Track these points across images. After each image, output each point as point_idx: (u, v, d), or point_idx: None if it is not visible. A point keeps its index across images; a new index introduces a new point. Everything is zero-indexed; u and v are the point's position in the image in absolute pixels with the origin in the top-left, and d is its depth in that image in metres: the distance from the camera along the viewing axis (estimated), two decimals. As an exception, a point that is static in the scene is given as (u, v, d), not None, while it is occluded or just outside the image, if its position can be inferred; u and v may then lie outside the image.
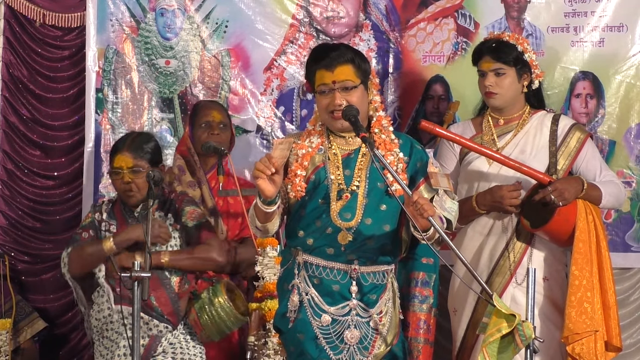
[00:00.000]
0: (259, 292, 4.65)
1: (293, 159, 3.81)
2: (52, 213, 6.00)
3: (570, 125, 4.67)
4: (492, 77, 4.62)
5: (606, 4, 5.35)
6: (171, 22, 5.85)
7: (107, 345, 4.49)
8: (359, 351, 3.76)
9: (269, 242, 4.65)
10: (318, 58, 3.77)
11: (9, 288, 5.62)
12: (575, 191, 4.47)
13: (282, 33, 5.75)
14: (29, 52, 6.02)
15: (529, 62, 4.64)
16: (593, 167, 4.65)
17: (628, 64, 5.33)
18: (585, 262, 4.45)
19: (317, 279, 3.78)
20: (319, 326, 3.77)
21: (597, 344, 4.44)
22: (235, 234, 4.99)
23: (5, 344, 5.39)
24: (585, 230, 4.47)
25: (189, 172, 5.01)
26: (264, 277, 4.64)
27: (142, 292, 3.96)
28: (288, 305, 3.82)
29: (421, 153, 3.86)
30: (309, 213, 3.78)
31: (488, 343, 3.46)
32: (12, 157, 6.04)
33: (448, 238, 3.54)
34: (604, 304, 4.49)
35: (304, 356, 3.78)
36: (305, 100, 5.74)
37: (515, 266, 4.56)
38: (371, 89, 3.82)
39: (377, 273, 3.81)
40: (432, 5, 5.58)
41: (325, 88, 3.74)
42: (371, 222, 3.74)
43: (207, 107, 5.13)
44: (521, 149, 4.63)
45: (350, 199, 3.75)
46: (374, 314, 3.79)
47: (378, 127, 3.82)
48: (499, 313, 3.47)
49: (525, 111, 4.70)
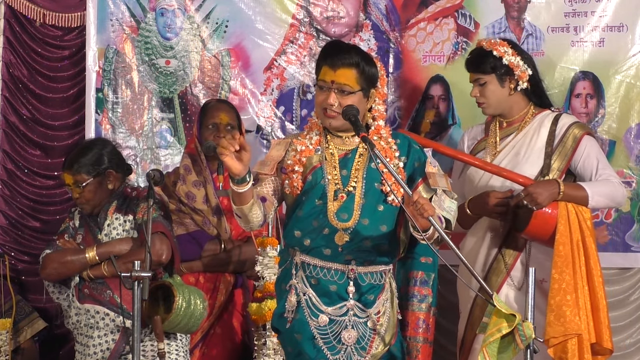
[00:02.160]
0: (259, 292, 4.65)
1: (290, 155, 3.82)
2: (52, 213, 6.00)
3: (569, 124, 4.64)
4: (476, 88, 4.67)
5: (606, 4, 5.35)
6: (171, 22, 5.85)
7: (79, 349, 4.62)
8: (356, 351, 3.76)
9: (269, 242, 4.65)
10: (327, 54, 3.78)
11: (9, 288, 5.61)
12: (549, 194, 4.44)
13: (282, 33, 5.75)
14: (29, 51, 6.02)
15: (508, 65, 4.62)
16: (589, 165, 4.61)
17: (628, 64, 5.33)
18: (565, 265, 4.42)
19: (314, 279, 3.78)
20: (316, 326, 3.76)
21: (581, 346, 4.40)
22: (240, 232, 4.99)
23: (5, 344, 5.40)
24: (565, 233, 4.45)
25: (195, 172, 5.00)
26: (264, 277, 4.64)
27: (142, 292, 3.98)
28: (286, 305, 3.81)
29: (419, 153, 3.85)
30: (306, 213, 3.77)
31: (488, 343, 3.46)
32: (12, 156, 6.04)
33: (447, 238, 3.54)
34: (593, 305, 4.46)
35: (301, 356, 3.78)
36: (305, 100, 5.74)
37: (509, 268, 4.56)
38: (373, 97, 3.81)
39: (374, 273, 3.80)
40: (432, 5, 5.59)
41: (324, 84, 3.75)
42: (368, 222, 3.73)
43: (215, 108, 5.09)
44: (516, 152, 4.63)
45: (347, 200, 3.75)
46: (371, 314, 3.78)
47: (376, 135, 3.81)
48: (499, 313, 3.47)
49: (528, 112, 4.70)
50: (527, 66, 4.64)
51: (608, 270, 5.35)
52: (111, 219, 4.61)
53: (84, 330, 4.56)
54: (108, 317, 4.50)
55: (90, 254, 4.52)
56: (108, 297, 4.50)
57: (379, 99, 3.84)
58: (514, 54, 4.62)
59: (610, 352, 4.52)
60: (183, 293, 4.43)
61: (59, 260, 4.56)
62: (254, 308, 4.63)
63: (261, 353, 4.61)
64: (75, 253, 4.56)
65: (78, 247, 4.60)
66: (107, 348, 4.50)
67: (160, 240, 4.53)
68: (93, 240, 4.60)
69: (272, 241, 4.66)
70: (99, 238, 4.59)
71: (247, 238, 4.96)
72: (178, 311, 4.41)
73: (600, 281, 4.49)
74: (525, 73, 4.61)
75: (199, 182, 4.98)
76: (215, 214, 4.92)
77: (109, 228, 4.60)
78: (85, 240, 4.62)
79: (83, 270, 4.55)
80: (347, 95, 3.72)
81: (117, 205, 4.63)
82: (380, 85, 3.84)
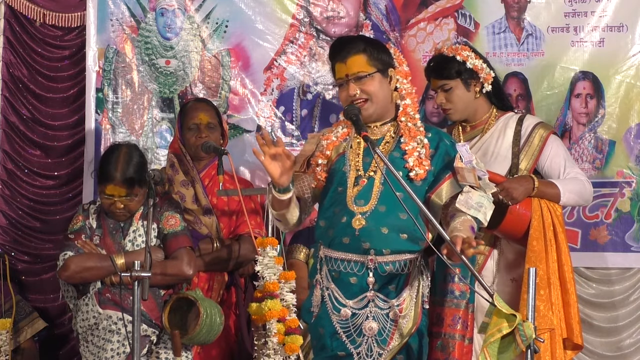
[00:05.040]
0: (259, 292, 4.65)
1: (318, 150, 3.89)
2: (52, 213, 6.00)
3: (534, 124, 4.62)
4: (441, 94, 4.63)
5: (606, 4, 5.35)
6: (171, 22, 5.85)
7: (93, 351, 4.50)
8: (377, 344, 3.77)
9: (269, 242, 4.65)
10: (334, 53, 3.85)
11: (9, 288, 5.61)
12: (524, 190, 4.44)
13: (282, 33, 5.76)
14: (29, 51, 6.02)
15: (472, 69, 4.60)
16: (557, 164, 4.59)
17: (628, 64, 5.33)
18: (538, 260, 4.42)
19: (336, 273, 3.81)
20: (338, 320, 3.80)
21: (554, 341, 4.39)
22: (231, 231, 4.99)
23: (5, 344, 5.39)
24: (539, 228, 4.45)
25: (182, 172, 5.00)
26: (264, 277, 4.64)
27: (142, 292, 3.97)
28: (312, 300, 3.88)
29: (448, 147, 3.86)
30: (328, 201, 3.84)
31: (489, 343, 3.46)
32: (12, 156, 6.04)
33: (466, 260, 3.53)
34: (565, 301, 4.45)
35: (324, 350, 3.84)
36: (305, 100, 5.75)
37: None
38: (394, 77, 3.85)
39: (397, 262, 3.78)
40: (432, 5, 5.59)
41: (341, 81, 3.82)
42: (385, 209, 3.74)
43: (193, 108, 5.06)
44: (483, 153, 4.62)
45: (366, 185, 3.78)
46: (394, 304, 3.78)
47: (404, 115, 3.86)
48: (499, 313, 3.47)
49: (490, 115, 4.67)
50: (489, 69, 4.62)
51: (608, 270, 5.37)
52: (137, 225, 4.53)
53: (102, 334, 4.48)
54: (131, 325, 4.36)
55: (120, 262, 4.44)
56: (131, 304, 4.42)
57: (402, 77, 3.88)
58: (477, 57, 4.60)
59: (580, 348, 4.51)
60: (206, 309, 4.42)
61: (83, 265, 4.45)
62: (254, 308, 4.63)
63: (261, 353, 4.61)
64: (100, 260, 4.46)
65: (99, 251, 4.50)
66: (124, 352, 4.45)
67: (189, 255, 4.53)
68: (114, 245, 4.52)
69: (272, 241, 4.66)
70: (122, 244, 4.51)
71: (238, 236, 4.97)
72: (201, 328, 4.41)
73: (571, 277, 4.49)
74: (489, 75, 4.59)
75: (186, 182, 4.98)
76: (205, 213, 4.92)
77: (135, 234, 4.53)
78: (105, 244, 4.53)
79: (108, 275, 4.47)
80: (365, 80, 3.78)
81: (142, 212, 4.58)
82: (398, 65, 3.88)
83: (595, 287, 5.40)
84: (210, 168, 5.02)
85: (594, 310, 5.38)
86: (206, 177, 5.03)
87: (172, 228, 4.55)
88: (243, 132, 5.76)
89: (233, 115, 5.77)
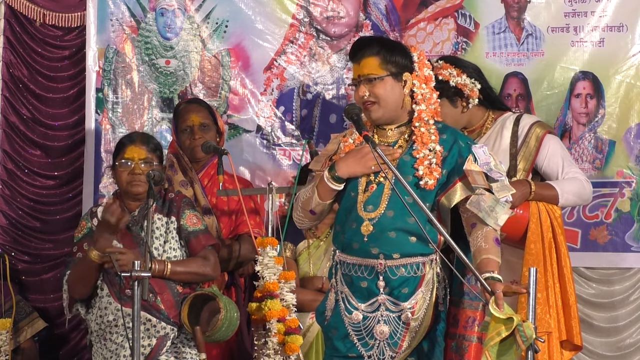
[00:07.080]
0: (259, 292, 4.64)
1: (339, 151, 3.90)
2: (52, 213, 6.00)
3: (530, 124, 4.57)
4: None
5: (606, 4, 5.36)
6: (171, 22, 5.85)
7: (111, 348, 4.46)
8: (388, 347, 3.77)
9: (269, 242, 4.65)
10: (351, 53, 3.85)
11: (9, 288, 5.61)
12: (521, 194, 4.41)
13: (282, 33, 5.76)
14: (29, 51, 6.02)
15: (456, 86, 4.54)
16: (555, 164, 4.56)
17: (628, 64, 5.34)
18: (536, 263, 4.41)
19: (348, 277, 3.82)
20: (350, 323, 3.80)
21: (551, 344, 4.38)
22: (230, 231, 5.00)
23: (5, 344, 5.39)
24: (536, 231, 4.44)
25: (181, 172, 5.01)
26: (264, 277, 4.63)
27: (142, 292, 3.96)
28: (326, 303, 3.90)
29: (462, 149, 3.80)
30: (342, 207, 3.85)
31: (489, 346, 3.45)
32: (12, 156, 6.04)
33: None
34: (564, 303, 4.45)
35: (336, 352, 3.85)
36: (305, 100, 5.75)
37: None
38: (410, 81, 3.81)
39: (408, 265, 3.77)
40: (432, 5, 5.59)
41: (354, 82, 3.82)
42: (393, 214, 3.73)
43: (185, 110, 5.05)
44: None
45: (375, 190, 3.78)
46: (406, 307, 3.77)
47: (418, 121, 3.81)
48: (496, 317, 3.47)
49: (487, 118, 4.65)
50: (474, 82, 4.57)
51: (608, 270, 5.37)
52: (153, 218, 4.48)
53: (121, 330, 4.42)
54: (149, 323, 4.37)
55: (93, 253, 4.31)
56: (151, 302, 4.37)
57: (420, 82, 3.83)
58: (459, 74, 4.52)
59: (579, 348, 4.51)
60: (226, 305, 4.41)
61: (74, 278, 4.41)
62: (254, 308, 4.63)
63: (261, 353, 4.61)
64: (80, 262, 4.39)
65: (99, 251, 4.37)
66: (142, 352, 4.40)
67: (215, 256, 4.52)
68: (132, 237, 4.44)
69: (272, 241, 4.66)
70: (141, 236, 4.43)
71: (238, 236, 4.97)
72: (222, 324, 4.40)
73: (571, 277, 4.48)
74: (474, 91, 4.52)
75: (185, 182, 4.98)
76: (204, 213, 4.92)
77: (152, 226, 4.46)
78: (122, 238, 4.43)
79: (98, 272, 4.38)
80: (374, 83, 3.76)
81: (158, 206, 4.54)
82: (418, 69, 3.83)
83: (595, 287, 5.40)
84: (209, 168, 5.02)
85: (594, 310, 5.38)
86: (205, 177, 5.03)
87: (195, 226, 4.53)
88: (243, 132, 5.75)
89: (233, 115, 5.77)
